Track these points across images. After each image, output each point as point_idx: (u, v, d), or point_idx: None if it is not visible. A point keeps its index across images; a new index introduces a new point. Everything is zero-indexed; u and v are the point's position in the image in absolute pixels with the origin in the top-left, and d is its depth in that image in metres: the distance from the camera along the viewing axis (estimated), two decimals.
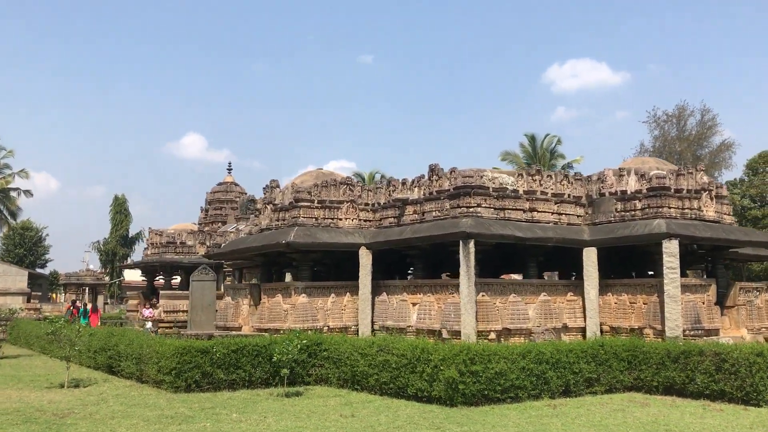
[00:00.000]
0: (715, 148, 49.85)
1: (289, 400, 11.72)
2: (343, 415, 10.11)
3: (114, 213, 72.53)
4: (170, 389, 12.60)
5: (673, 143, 50.97)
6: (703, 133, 50.44)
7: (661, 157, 49.99)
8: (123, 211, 72.68)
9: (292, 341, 12.55)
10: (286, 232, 17.71)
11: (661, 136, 51.41)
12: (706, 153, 49.59)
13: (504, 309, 15.92)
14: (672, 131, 51.56)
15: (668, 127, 51.45)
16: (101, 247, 72.11)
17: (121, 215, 72.53)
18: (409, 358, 11.61)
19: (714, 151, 49.67)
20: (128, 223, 72.84)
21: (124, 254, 72.65)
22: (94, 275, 60.31)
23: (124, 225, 72.27)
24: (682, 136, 50.91)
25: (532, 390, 11.54)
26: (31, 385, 13.87)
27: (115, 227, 71.97)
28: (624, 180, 17.51)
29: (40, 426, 9.29)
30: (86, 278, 57.57)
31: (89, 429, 9.11)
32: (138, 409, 10.70)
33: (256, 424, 9.42)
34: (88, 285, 56.01)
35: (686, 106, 48.75)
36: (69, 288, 55.65)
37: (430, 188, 17.60)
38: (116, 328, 18.99)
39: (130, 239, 73.32)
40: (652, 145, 51.08)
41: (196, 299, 27.86)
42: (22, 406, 11.04)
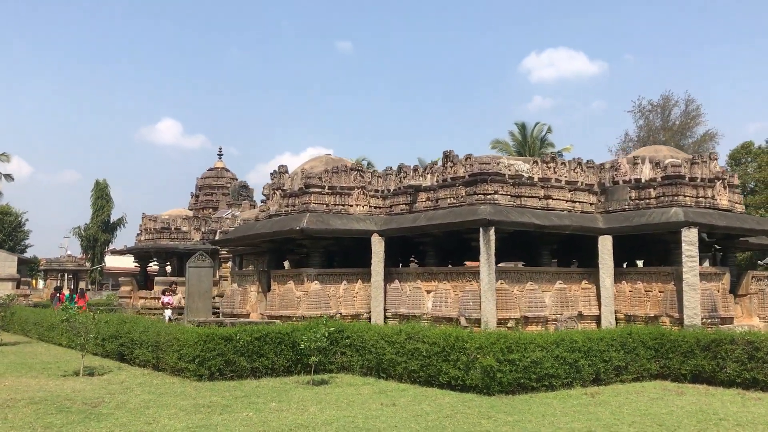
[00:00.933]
0: (698, 139, 50.15)
1: (319, 388, 11.52)
2: (384, 403, 9.93)
3: (95, 198, 71.41)
4: (193, 377, 12.33)
5: (657, 133, 51.20)
6: (687, 124, 50.73)
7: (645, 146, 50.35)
8: (104, 196, 71.58)
9: (319, 329, 12.33)
10: (298, 218, 17.44)
11: (645, 125, 51.65)
12: (690, 143, 49.91)
13: (522, 297, 15.84)
14: (657, 121, 51.81)
15: (653, 116, 51.68)
16: (82, 232, 71.04)
17: (103, 200, 71.42)
18: (442, 346, 11.45)
19: (697, 142, 49.94)
20: (110, 208, 71.79)
21: (106, 240, 71.66)
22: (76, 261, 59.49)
23: (105, 210, 71.20)
24: (666, 126, 51.17)
25: (564, 378, 11.45)
26: (45, 373, 13.51)
27: (96, 212, 70.87)
28: (638, 168, 17.47)
29: (77, 416, 9.00)
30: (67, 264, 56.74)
31: (129, 419, 8.84)
32: (168, 398, 10.44)
33: (300, 413, 9.21)
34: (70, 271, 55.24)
35: (671, 96, 48.98)
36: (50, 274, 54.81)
37: (444, 175, 17.42)
38: (128, 315, 18.59)
39: (112, 225, 72.36)
40: (637, 134, 51.31)
41: (192, 286, 27.40)
42: (47, 394, 10.71)
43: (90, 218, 70.96)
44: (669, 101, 50.29)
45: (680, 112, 50.76)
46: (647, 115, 51.40)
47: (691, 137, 50.47)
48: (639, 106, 49.64)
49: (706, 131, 48.98)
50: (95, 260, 70.23)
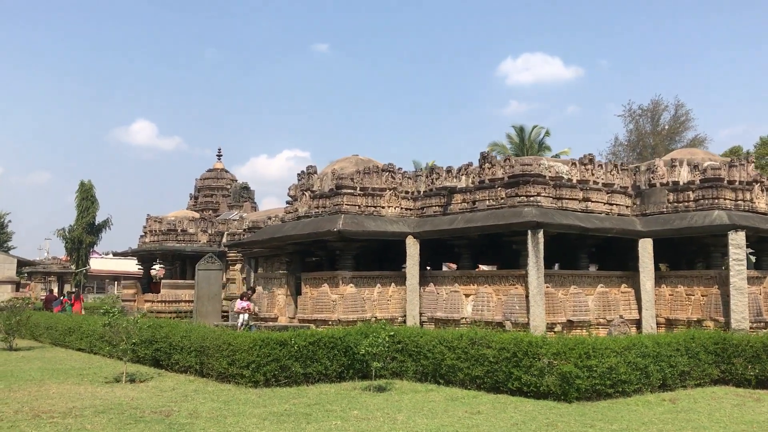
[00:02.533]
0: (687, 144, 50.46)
1: (384, 394, 11.15)
2: (468, 411, 9.59)
3: (80, 199, 69.75)
4: (248, 384, 11.88)
5: (647, 137, 51.50)
6: (676, 128, 51.05)
7: (635, 150, 50.64)
8: (89, 197, 69.94)
9: (380, 333, 11.97)
10: (332, 219, 17.04)
11: (635, 130, 51.91)
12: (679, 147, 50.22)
13: (566, 301, 15.59)
14: (646, 125, 52.08)
15: (643, 121, 51.96)
16: (66, 234, 69.59)
17: (88, 202, 69.76)
18: (512, 351, 11.13)
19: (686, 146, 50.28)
20: (95, 210, 70.26)
21: (91, 242, 70.29)
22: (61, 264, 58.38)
23: (90, 212, 69.57)
24: (655, 131, 51.46)
25: (635, 384, 11.20)
26: (85, 380, 12.98)
27: (81, 214, 69.36)
28: (676, 171, 17.33)
29: (159, 425, 8.54)
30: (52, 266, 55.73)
31: (218, 429, 8.40)
32: (236, 406, 10.00)
33: (389, 422, 8.82)
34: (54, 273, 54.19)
35: (661, 101, 49.20)
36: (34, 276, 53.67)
37: (482, 176, 17.13)
38: (163, 319, 18.01)
39: (97, 226, 70.98)
40: (627, 138, 51.58)
41: (202, 289, 26.91)
42: (106, 403, 10.21)
43: (75, 220, 69.51)
44: (659, 106, 50.58)
45: (669, 117, 51.07)
46: (637, 120, 51.67)
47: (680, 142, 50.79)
48: (629, 110, 49.85)
49: (695, 136, 49.32)
50: (80, 263, 68.88)
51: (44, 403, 10.16)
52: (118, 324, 13.32)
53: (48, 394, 11.15)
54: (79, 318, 20.23)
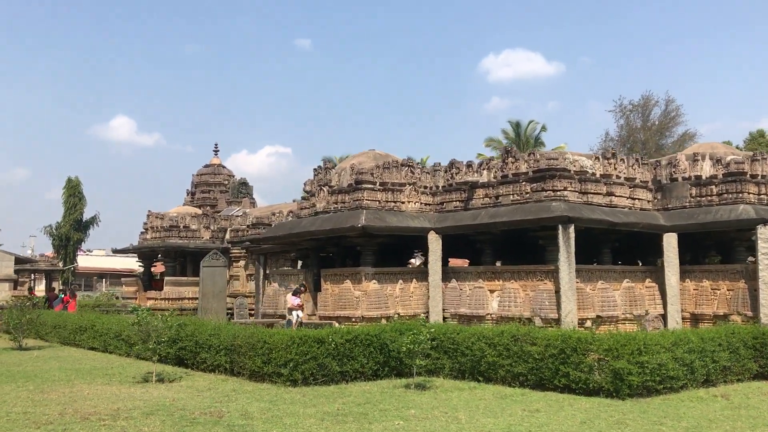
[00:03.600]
0: (677, 139, 50.68)
1: (429, 392, 10.94)
2: (526, 410, 9.40)
3: (67, 196, 68.89)
4: (285, 383, 11.62)
5: (637, 133, 51.64)
6: (666, 124, 51.22)
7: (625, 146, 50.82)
8: (77, 194, 69.11)
9: (421, 331, 11.76)
10: (354, 215, 16.80)
11: (626, 125, 52.02)
12: (669, 143, 50.45)
13: (595, 296, 15.47)
14: (637, 121, 52.21)
15: (634, 116, 52.07)
16: (53, 231, 68.65)
17: (75, 198, 68.91)
18: (560, 348, 10.96)
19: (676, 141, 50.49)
20: (83, 206, 69.35)
21: (79, 239, 69.44)
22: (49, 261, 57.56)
23: (78, 209, 68.74)
24: (646, 126, 51.61)
25: (682, 380, 11.09)
26: (115, 380, 12.63)
27: (68, 211, 68.49)
28: (698, 165, 17.27)
29: (218, 428, 8.26)
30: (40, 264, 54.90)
31: (280, 431, 8.14)
32: (284, 406, 9.73)
33: (451, 421, 8.60)
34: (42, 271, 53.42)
35: (651, 96, 49.30)
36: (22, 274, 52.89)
37: (505, 171, 16.96)
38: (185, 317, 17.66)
39: (85, 223, 70.10)
40: (618, 134, 51.68)
41: (207, 286, 26.51)
42: (148, 404, 9.90)
43: (62, 216, 68.58)
44: (649, 101, 50.69)
45: (660, 112, 51.21)
46: (628, 115, 51.76)
47: (671, 137, 51.03)
48: (620, 105, 49.91)
49: (685, 131, 49.52)
50: (67, 260, 68.00)
51: (85, 405, 9.83)
52: (148, 323, 12.96)
53: (83, 395, 10.81)
54: (91, 316, 19.81)
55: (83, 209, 69.91)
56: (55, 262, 59.46)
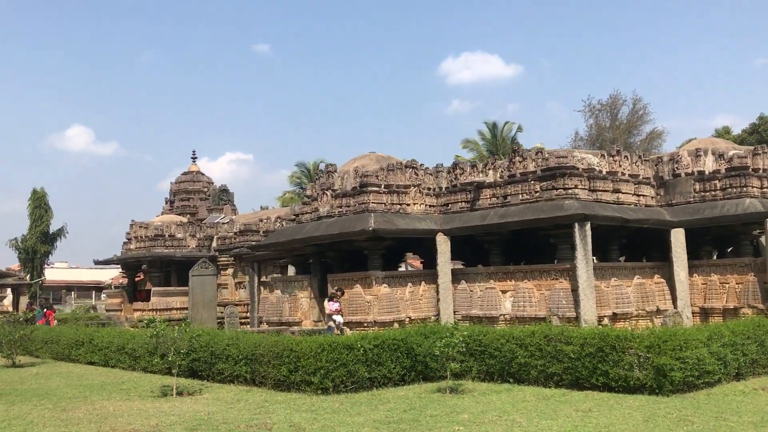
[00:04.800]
0: (645, 137, 51.43)
1: (468, 396, 10.74)
2: (579, 410, 9.25)
3: (33, 208, 67.21)
4: (316, 391, 11.31)
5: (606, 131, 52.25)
6: (634, 122, 51.93)
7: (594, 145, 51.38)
8: (43, 205, 67.44)
9: (455, 334, 11.55)
10: (362, 218, 16.54)
11: (595, 124, 52.62)
12: (637, 141, 51.17)
13: (610, 293, 15.44)
14: (606, 120, 52.83)
15: (602, 116, 52.69)
16: (19, 244, 66.86)
17: (41, 210, 67.27)
18: (597, 346, 10.85)
19: (644, 140, 51.23)
20: (49, 218, 67.75)
21: (46, 252, 67.79)
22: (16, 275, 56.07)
23: (44, 220, 67.09)
24: (614, 125, 52.25)
25: (717, 374, 11.08)
26: (134, 395, 12.17)
27: (34, 223, 66.79)
28: (701, 160, 17.40)
29: None
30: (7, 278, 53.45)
31: None
32: (330, 415, 9.42)
33: (517, 426, 8.39)
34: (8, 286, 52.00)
35: (619, 96, 49.94)
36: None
37: (512, 170, 16.87)
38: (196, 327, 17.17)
39: (52, 235, 68.44)
40: (587, 133, 52.23)
41: (196, 295, 26.08)
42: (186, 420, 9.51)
43: (28, 229, 66.85)
44: (617, 101, 51.33)
45: (628, 111, 51.87)
46: (597, 115, 52.34)
47: (639, 135, 51.76)
48: (589, 105, 50.44)
49: (652, 129, 50.31)
50: (34, 273, 66.30)
51: (119, 422, 9.42)
52: (166, 335, 12.52)
53: (109, 412, 10.38)
54: (87, 330, 19.19)
55: (50, 221, 68.36)
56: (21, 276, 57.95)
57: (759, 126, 54.81)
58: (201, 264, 26.10)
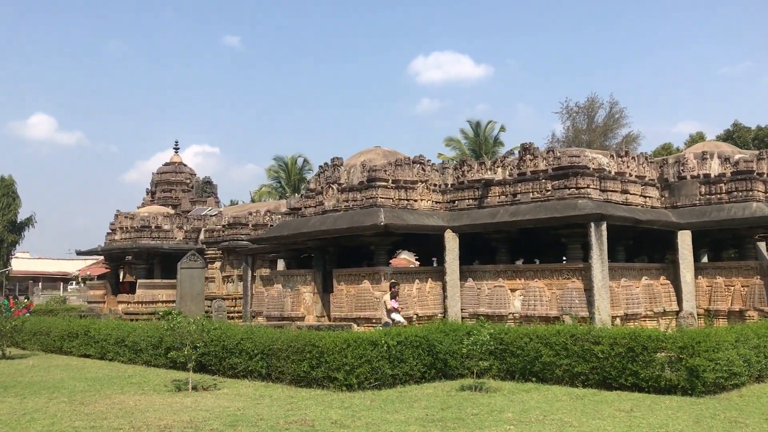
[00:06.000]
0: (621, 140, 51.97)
1: (499, 395, 10.60)
2: (620, 410, 9.17)
3: (0, 196, 65.70)
4: (341, 388, 11.08)
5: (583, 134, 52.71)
6: (610, 125, 52.45)
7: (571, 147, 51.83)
8: (11, 194, 65.97)
9: (482, 331, 11.40)
10: (371, 213, 16.31)
11: (572, 127, 53.03)
12: (613, 144, 51.68)
13: (620, 293, 15.45)
14: (583, 123, 53.28)
15: (579, 118, 53.11)
16: None
17: (9, 198, 65.82)
18: (627, 346, 10.79)
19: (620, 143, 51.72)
20: (17, 207, 66.30)
21: (13, 241, 66.22)
22: None
23: (12, 209, 65.66)
24: (590, 128, 52.73)
25: (743, 376, 11.11)
26: (149, 389, 11.81)
27: (2, 211, 65.23)
28: (707, 163, 17.52)
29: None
30: None
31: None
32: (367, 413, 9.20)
33: (567, 426, 8.25)
34: None
35: (596, 99, 50.33)
36: None
37: (522, 168, 16.79)
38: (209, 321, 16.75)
39: (19, 225, 66.87)
40: (564, 135, 52.61)
41: (185, 288, 25.57)
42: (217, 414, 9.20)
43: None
44: (594, 103, 51.75)
45: (605, 114, 52.35)
46: (574, 117, 52.74)
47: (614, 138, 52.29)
48: (566, 107, 50.78)
49: (628, 132, 50.85)
50: (0, 263, 64.74)
51: (148, 417, 9.07)
52: (182, 328, 12.16)
53: (130, 406, 10.01)
54: (82, 322, 18.65)
55: (17, 210, 66.86)
56: None
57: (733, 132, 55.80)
58: (190, 257, 25.58)
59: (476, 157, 47.02)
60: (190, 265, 25.68)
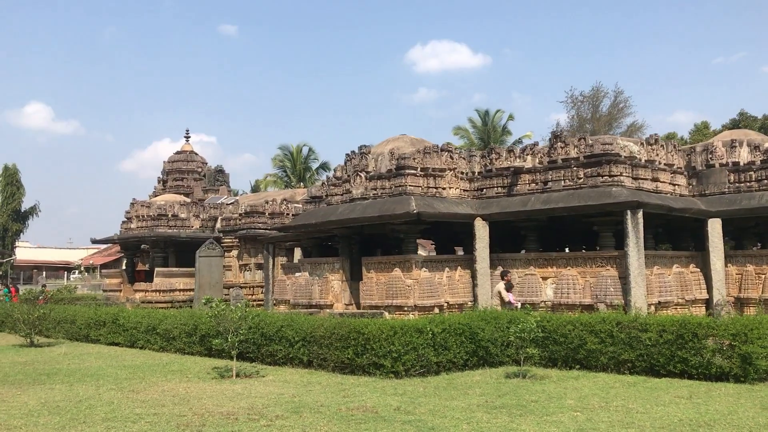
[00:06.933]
0: (626, 129, 51.97)
1: (547, 382, 10.60)
2: (680, 396, 9.17)
3: (4, 185, 65.56)
4: (388, 374, 11.07)
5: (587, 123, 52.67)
6: (615, 115, 52.39)
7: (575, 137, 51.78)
8: (15, 182, 65.85)
9: (528, 319, 11.41)
10: (402, 201, 16.26)
11: (577, 116, 52.98)
12: (618, 134, 51.63)
13: (654, 281, 15.44)
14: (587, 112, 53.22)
15: (584, 107, 53.03)
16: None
17: (13, 187, 65.74)
18: (677, 333, 10.79)
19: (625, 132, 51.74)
20: (21, 195, 66.17)
21: (18, 230, 66.11)
22: None
23: (16, 198, 65.56)
24: (595, 117, 52.68)
25: None
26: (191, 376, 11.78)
27: (5, 200, 65.11)
28: (736, 151, 17.49)
29: (409, 426, 7.69)
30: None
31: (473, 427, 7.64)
32: (426, 399, 9.18)
33: (634, 413, 8.23)
34: None
35: (601, 88, 50.23)
36: None
37: (553, 156, 16.73)
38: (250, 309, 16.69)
39: (23, 213, 66.69)
40: (569, 124, 52.56)
41: (203, 277, 25.62)
42: (296, 403, 9.19)
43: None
44: (599, 93, 51.65)
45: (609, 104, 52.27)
46: (579, 106, 52.66)
47: (619, 128, 52.26)
48: (571, 96, 50.69)
49: (632, 122, 50.84)
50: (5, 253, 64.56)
51: (205, 404, 9.04)
52: (225, 315, 12.12)
53: (182, 393, 9.98)
54: (111, 310, 18.61)
55: (21, 198, 66.69)
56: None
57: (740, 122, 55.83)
58: (208, 245, 25.58)
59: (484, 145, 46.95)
60: (209, 254, 25.69)
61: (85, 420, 8.12)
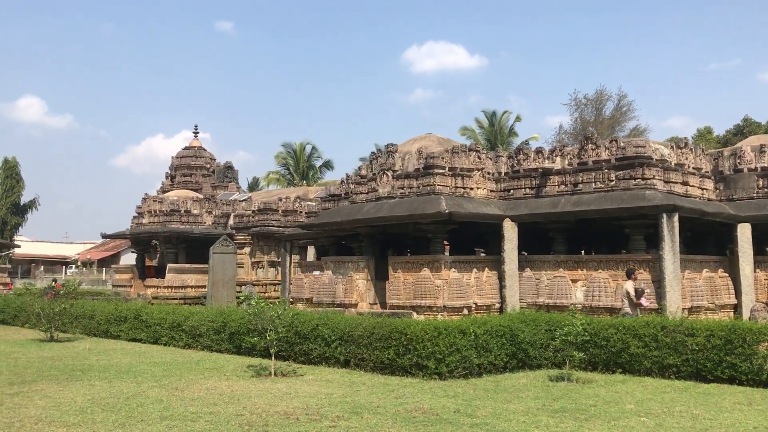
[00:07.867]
0: (629, 133, 51.99)
1: (593, 386, 10.46)
2: (739, 403, 9.06)
3: (4, 178, 65.11)
4: (431, 376, 10.93)
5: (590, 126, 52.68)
6: (618, 118, 52.43)
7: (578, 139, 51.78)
8: (14, 175, 65.42)
9: (575, 322, 11.28)
10: (431, 201, 16.13)
11: (580, 119, 52.98)
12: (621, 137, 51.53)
13: (686, 285, 15.34)
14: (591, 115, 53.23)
15: (588, 110, 53.04)
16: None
17: (12, 180, 65.32)
18: (725, 339, 10.69)
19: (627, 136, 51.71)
20: (20, 189, 65.73)
21: (17, 223, 65.67)
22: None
23: (16, 191, 65.13)
24: (598, 120, 52.70)
25: None
26: (229, 375, 11.60)
27: (5, 193, 64.65)
28: (765, 156, 17.41)
29: (474, 428, 7.55)
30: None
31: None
32: (482, 402, 9.03)
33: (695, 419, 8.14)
34: None
35: (605, 91, 50.23)
36: None
37: (582, 157, 16.62)
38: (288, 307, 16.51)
39: (23, 207, 66.24)
40: (573, 127, 52.56)
41: (217, 274, 25.35)
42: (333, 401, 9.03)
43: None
44: (603, 96, 51.66)
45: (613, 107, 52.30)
46: (582, 109, 52.66)
47: (621, 131, 52.30)
48: (575, 99, 50.68)
49: (635, 126, 50.87)
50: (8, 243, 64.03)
51: (257, 403, 8.87)
52: (264, 313, 11.95)
53: (226, 392, 9.80)
54: (132, 305, 18.39)
55: (21, 192, 66.25)
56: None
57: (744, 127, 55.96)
58: (222, 242, 25.33)
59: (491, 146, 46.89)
60: (223, 250, 25.44)
61: (143, 418, 7.95)
